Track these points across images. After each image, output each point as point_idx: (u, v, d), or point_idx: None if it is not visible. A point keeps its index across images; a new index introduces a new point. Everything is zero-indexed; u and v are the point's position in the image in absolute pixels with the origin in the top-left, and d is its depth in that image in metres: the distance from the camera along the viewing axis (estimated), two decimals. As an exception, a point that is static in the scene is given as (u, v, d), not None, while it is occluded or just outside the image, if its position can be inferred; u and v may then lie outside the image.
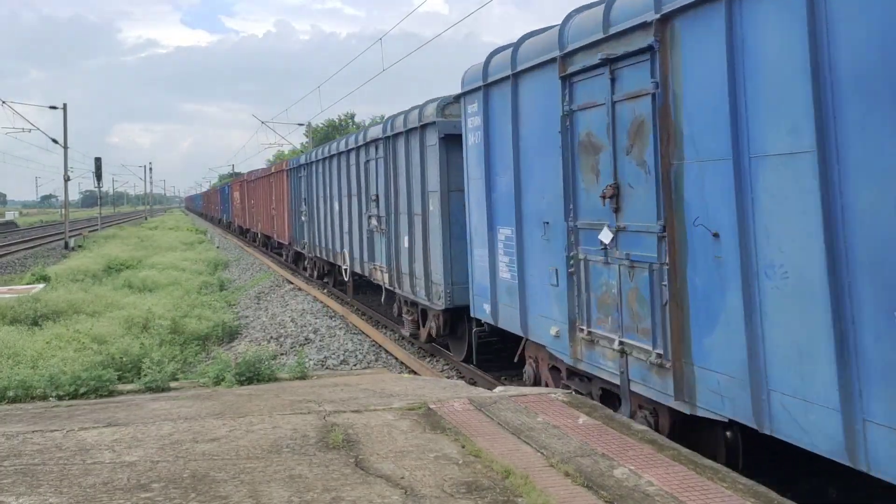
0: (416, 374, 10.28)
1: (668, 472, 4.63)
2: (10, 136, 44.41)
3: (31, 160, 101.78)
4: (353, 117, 78.15)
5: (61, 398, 7.14)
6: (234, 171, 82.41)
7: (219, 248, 37.70)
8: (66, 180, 38.78)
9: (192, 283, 20.40)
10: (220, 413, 6.27)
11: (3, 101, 36.16)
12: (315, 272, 21.36)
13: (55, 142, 38.27)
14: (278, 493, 4.35)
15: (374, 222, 13.72)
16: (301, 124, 53.65)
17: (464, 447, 5.16)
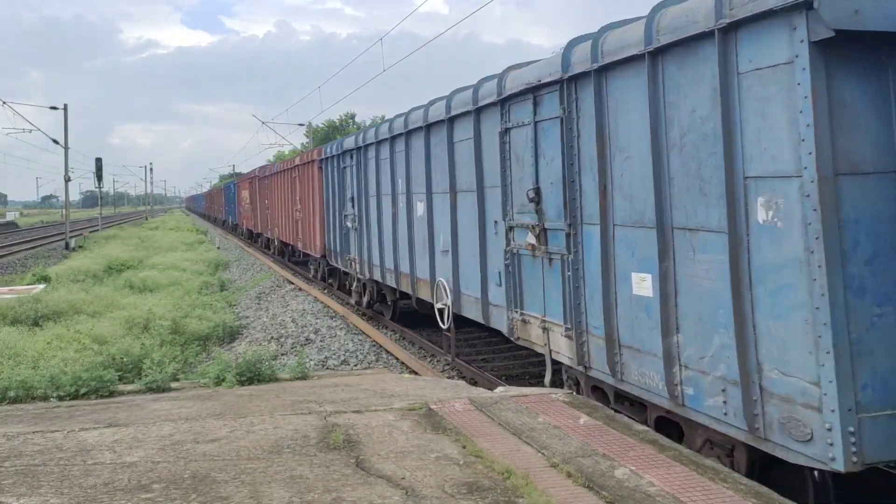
0: (416, 374, 10.28)
1: (669, 473, 4.62)
2: (10, 137, 44.50)
3: (32, 160, 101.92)
4: (353, 117, 78.18)
5: (62, 399, 7.14)
6: (235, 171, 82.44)
7: (219, 248, 37.71)
8: (67, 181, 38.79)
9: (193, 284, 20.39)
10: (220, 413, 6.27)
11: (4, 102, 36.20)
12: (367, 298, 15.19)
13: (56, 142, 38.30)
14: (279, 494, 4.35)
15: (525, 238, 7.79)
16: (301, 124, 53.77)
17: (465, 448, 5.16)
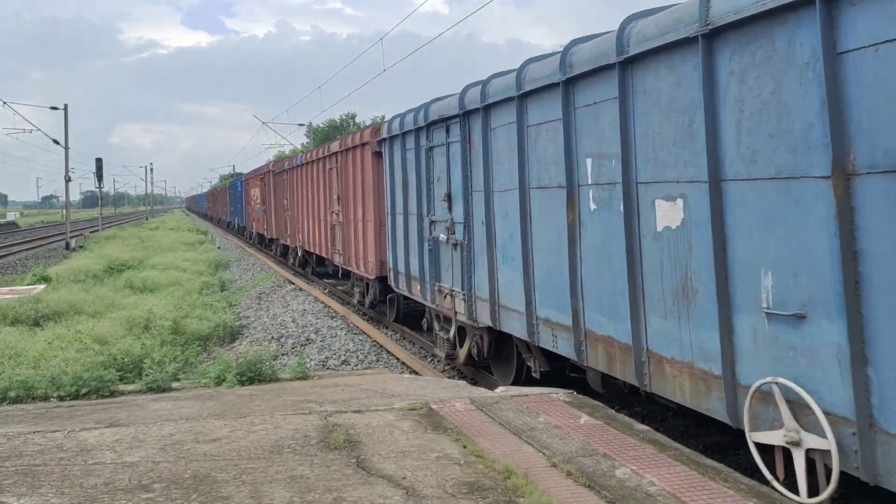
0: (417, 374, 10.28)
1: (669, 472, 4.62)
2: (11, 137, 44.52)
3: (32, 161, 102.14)
4: (353, 117, 78.20)
5: (63, 399, 7.14)
6: (235, 171, 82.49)
7: (220, 248, 37.71)
8: (67, 181, 38.80)
9: (194, 284, 20.38)
10: (221, 413, 6.27)
11: (5, 102, 36.23)
12: (479, 350, 9.25)
13: (56, 142, 38.31)
14: (280, 494, 4.35)
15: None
16: (302, 124, 53.86)
17: (465, 447, 5.15)
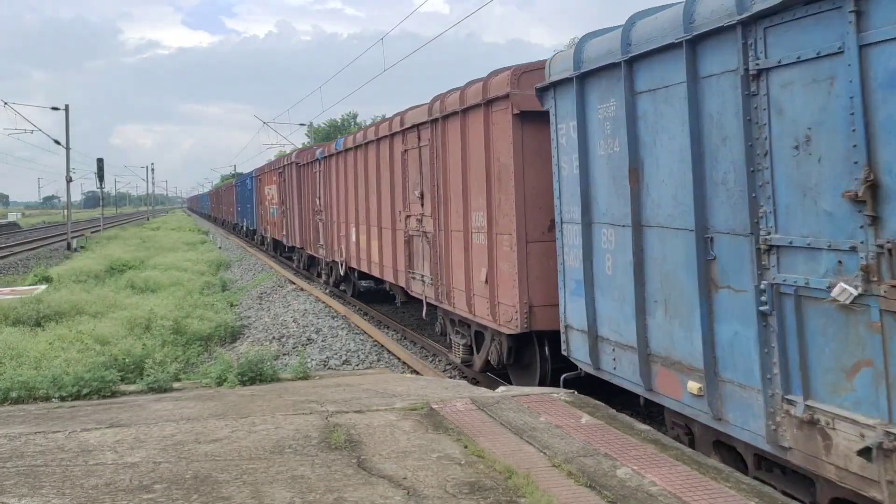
0: (418, 374, 10.27)
1: (671, 472, 4.62)
2: (12, 138, 44.53)
3: (34, 161, 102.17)
4: (355, 117, 78.19)
5: (64, 399, 7.14)
6: (236, 171, 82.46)
7: (221, 248, 37.72)
8: (69, 181, 38.80)
9: (195, 284, 20.38)
10: (222, 414, 6.27)
11: (6, 103, 36.25)
12: None
13: (57, 143, 38.32)
14: (281, 494, 4.35)
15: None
16: (303, 124, 53.86)
17: (466, 447, 5.15)
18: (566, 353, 7.24)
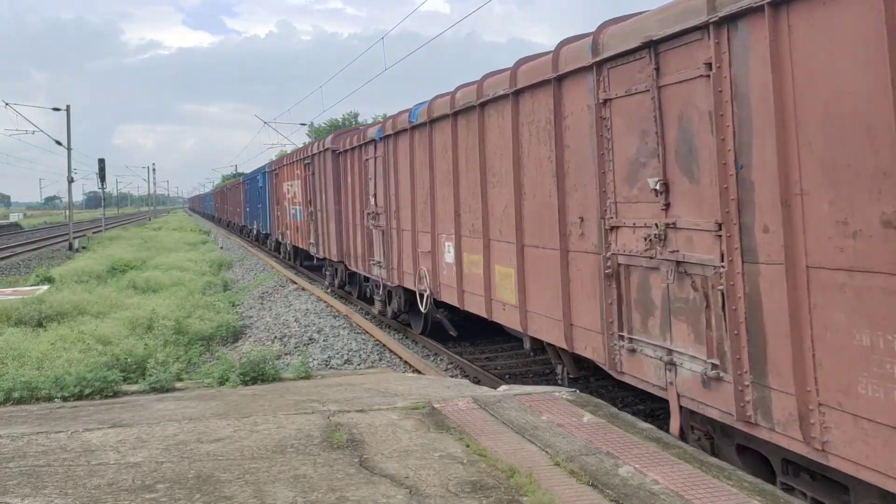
0: (419, 373, 10.28)
1: (673, 471, 4.61)
2: (13, 138, 44.59)
3: (35, 162, 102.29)
4: (356, 117, 78.16)
5: (66, 399, 7.15)
6: (237, 171, 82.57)
7: (222, 248, 37.74)
8: (70, 182, 38.83)
9: (196, 284, 20.41)
10: (224, 413, 6.27)
11: (7, 103, 36.30)
12: None
13: (59, 143, 38.34)
14: (283, 494, 4.35)
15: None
16: (304, 124, 53.81)
17: (468, 446, 5.15)
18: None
